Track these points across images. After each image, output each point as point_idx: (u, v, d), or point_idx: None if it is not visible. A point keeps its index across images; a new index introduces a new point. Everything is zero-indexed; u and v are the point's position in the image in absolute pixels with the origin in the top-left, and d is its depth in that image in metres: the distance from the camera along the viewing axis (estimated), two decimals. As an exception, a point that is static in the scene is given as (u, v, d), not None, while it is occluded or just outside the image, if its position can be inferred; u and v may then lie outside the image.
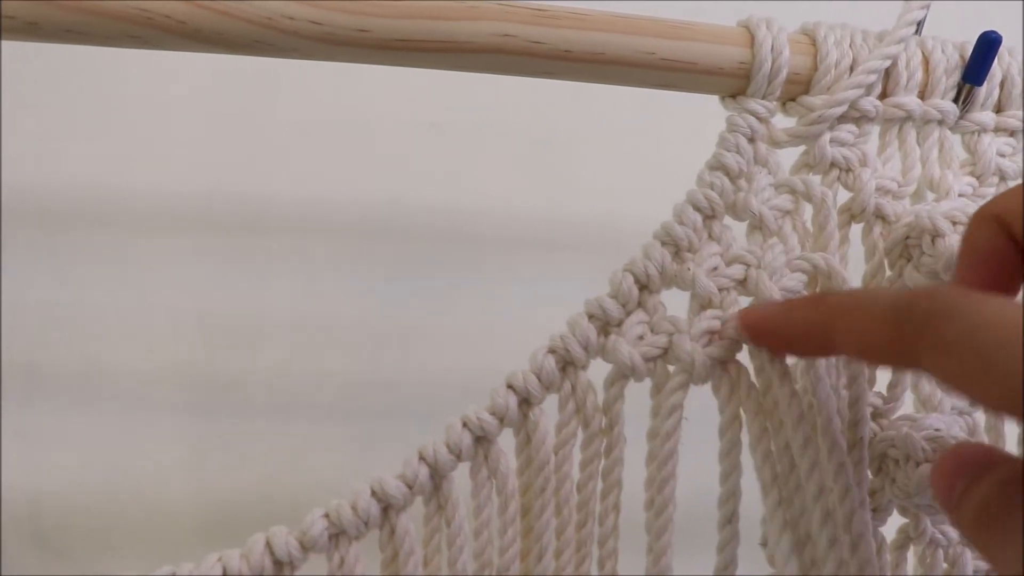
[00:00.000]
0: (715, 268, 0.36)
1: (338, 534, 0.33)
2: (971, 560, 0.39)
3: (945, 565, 0.39)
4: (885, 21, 0.38)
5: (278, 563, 0.33)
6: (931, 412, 0.37)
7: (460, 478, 0.35)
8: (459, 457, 0.34)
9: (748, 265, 0.36)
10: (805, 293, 0.36)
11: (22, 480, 0.59)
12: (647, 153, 0.63)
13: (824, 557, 0.33)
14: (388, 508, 0.34)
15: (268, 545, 0.33)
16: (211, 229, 0.61)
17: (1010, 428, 0.40)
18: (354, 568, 0.33)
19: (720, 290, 0.36)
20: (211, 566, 0.33)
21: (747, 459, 0.35)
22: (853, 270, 0.38)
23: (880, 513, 0.38)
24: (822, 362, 0.35)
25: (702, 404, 0.35)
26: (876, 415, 0.38)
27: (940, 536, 0.38)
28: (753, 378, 0.35)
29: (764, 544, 0.36)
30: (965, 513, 0.28)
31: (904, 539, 0.39)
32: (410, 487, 0.34)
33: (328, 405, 0.62)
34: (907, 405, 0.38)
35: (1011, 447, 0.40)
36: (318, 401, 0.62)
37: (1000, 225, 0.31)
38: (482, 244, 0.63)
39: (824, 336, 0.30)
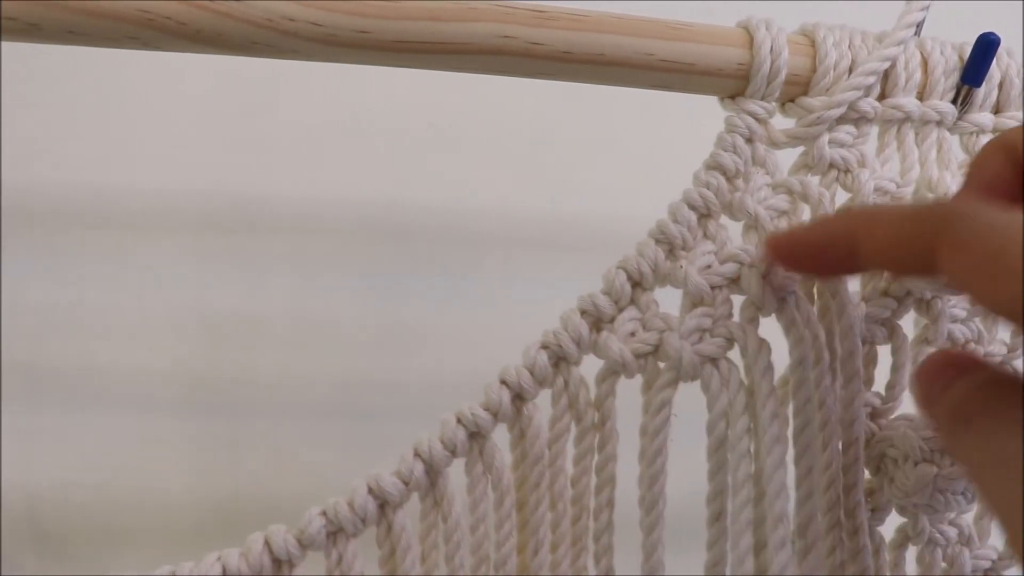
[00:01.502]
0: (709, 266, 0.36)
1: (336, 531, 0.34)
2: (969, 559, 0.39)
3: (944, 565, 0.39)
4: (886, 21, 0.38)
5: (277, 561, 0.33)
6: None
7: (455, 474, 0.35)
8: (454, 453, 0.34)
9: (742, 264, 0.36)
10: (796, 291, 0.37)
11: (22, 480, 0.59)
12: (647, 153, 0.63)
13: (771, 560, 0.33)
14: (385, 505, 0.34)
15: (267, 544, 0.33)
16: (211, 229, 0.61)
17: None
18: (352, 565, 0.34)
19: (712, 288, 0.36)
20: (210, 565, 0.33)
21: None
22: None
23: (879, 512, 0.38)
24: (810, 363, 0.35)
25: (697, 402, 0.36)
26: (874, 415, 0.38)
27: (939, 536, 0.38)
28: (742, 376, 0.35)
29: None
30: (941, 411, 0.29)
31: (903, 538, 0.39)
32: (406, 483, 0.34)
33: (328, 405, 0.62)
34: (905, 405, 0.38)
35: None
36: (318, 401, 0.62)
37: (1009, 153, 0.32)
38: (482, 244, 0.64)
39: (848, 246, 0.30)
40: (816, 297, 0.37)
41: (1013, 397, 0.27)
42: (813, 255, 0.33)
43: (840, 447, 0.36)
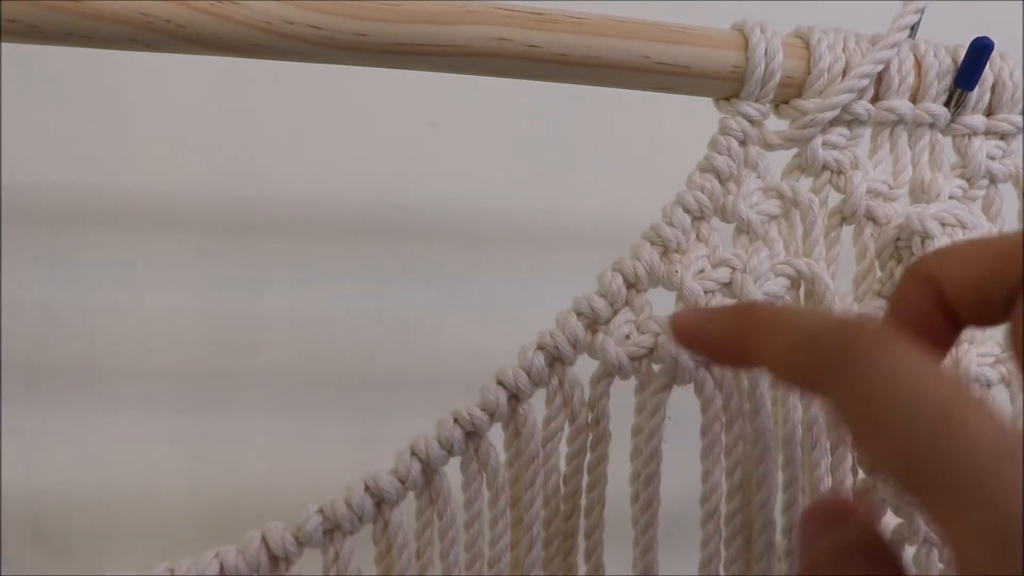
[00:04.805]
0: (702, 270, 0.37)
1: (332, 529, 0.34)
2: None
3: (940, 565, 0.39)
4: (882, 21, 0.39)
5: (274, 558, 0.33)
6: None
7: (451, 472, 0.35)
8: (450, 452, 0.35)
9: (734, 269, 0.37)
10: (788, 298, 0.37)
11: (22, 479, 0.59)
12: (648, 152, 0.64)
13: (758, 558, 0.35)
14: (381, 503, 0.34)
15: (264, 540, 0.33)
16: (211, 229, 0.61)
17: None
18: (348, 562, 0.34)
19: (706, 292, 0.36)
20: (208, 563, 0.33)
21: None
22: (844, 272, 0.38)
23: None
24: None
25: (689, 403, 0.36)
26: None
27: (934, 536, 0.38)
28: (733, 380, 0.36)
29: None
30: (801, 564, 0.29)
31: (899, 539, 0.39)
32: (403, 482, 0.34)
33: (328, 404, 0.62)
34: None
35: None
36: (318, 401, 0.62)
37: (931, 287, 0.30)
38: (482, 243, 0.64)
39: (741, 349, 0.30)
40: (803, 301, 0.38)
41: (862, 564, 0.27)
42: (710, 348, 0.32)
43: (828, 448, 0.37)
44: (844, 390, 0.25)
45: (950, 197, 0.39)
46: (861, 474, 0.38)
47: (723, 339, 0.31)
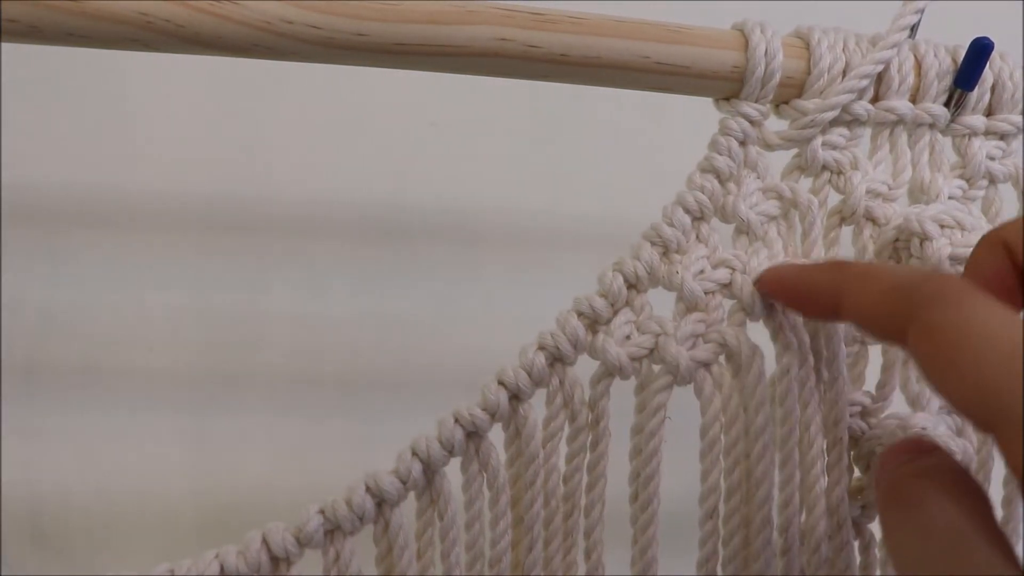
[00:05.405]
0: (702, 271, 0.37)
1: (333, 529, 0.34)
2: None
3: None
4: (882, 21, 0.39)
5: (275, 559, 0.33)
6: (919, 411, 0.38)
7: (451, 472, 0.35)
8: (451, 452, 0.35)
9: (733, 269, 0.37)
10: None
11: (22, 479, 0.59)
12: (648, 153, 0.64)
13: (756, 556, 0.35)
14: (382, 503, 0.34)
15: (265, 541, 0.33)
16: (211, 229, 0.61)
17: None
18: (349, 563, 0.34)
19: (706, 293, 0.36)
20: (208, 563, 0.33)
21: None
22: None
23: (868, 510, 0.38)
24: (795, 366, 0.36)
25: (687, 403, 0.36)
26: (865, 414, 0.38)
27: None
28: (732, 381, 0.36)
29: None
30: (880, 486, 0.30)
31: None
32: (404, 482, 0.34)
33: (328, 405, 0.62)
34: (895, 404, 0.39)
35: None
36: (318, 401, 0.62)
37: (1006, 251, 0.32)
38: (482, 244, 0.64)
39: (833, 299, 0.31)
40: None
41: (949, 485, 0.28)
42: (800, 297, 0.34)
43: (824, 447, 0.37)
44: (928, 332, 0.26)
45: (950, 197, 0.39)
46: (856, 473, 0.38)
47: (816, 290, 0.33)
